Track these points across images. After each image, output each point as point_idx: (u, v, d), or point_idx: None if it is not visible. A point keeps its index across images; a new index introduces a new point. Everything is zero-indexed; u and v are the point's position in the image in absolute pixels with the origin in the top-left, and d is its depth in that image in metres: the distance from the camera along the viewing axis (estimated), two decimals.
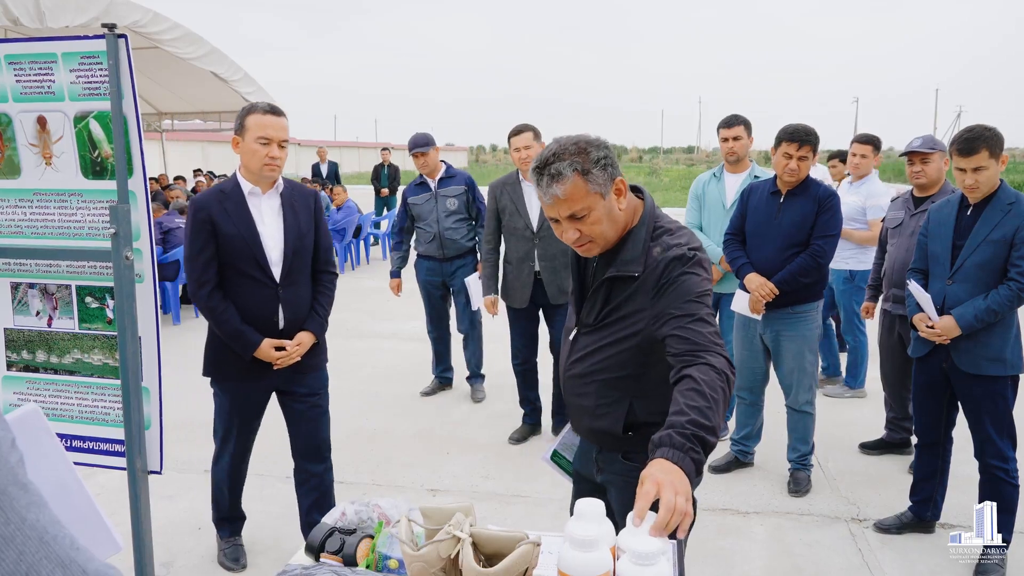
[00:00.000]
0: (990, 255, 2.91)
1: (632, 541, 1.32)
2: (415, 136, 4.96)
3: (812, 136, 3.52)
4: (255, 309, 2.76)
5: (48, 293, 2.20)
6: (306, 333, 2.88)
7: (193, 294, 2.76)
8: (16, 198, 2.15)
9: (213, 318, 2.75)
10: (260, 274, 2.75)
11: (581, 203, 1.67)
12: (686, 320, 1.66)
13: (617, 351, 1.82)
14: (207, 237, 2.69)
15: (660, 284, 1.72)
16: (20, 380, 2.28)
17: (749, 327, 3.84)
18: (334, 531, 1.68)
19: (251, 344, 2.75)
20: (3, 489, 0.59)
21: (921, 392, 3.24)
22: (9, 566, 0.58)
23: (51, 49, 2.00)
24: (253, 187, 2.74)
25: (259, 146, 2.64)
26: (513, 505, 3.70)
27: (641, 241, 1.77)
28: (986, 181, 2.88)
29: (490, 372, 5.43)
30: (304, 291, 2.89)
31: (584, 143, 1.70)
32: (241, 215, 2.71)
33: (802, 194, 3.59)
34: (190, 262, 2.72)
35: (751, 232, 3.73)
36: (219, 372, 2.88)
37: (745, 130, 4.28)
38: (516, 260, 4.27)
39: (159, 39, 7.96)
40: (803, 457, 3.83)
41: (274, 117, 2.65)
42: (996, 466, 2.99)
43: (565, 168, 1.65)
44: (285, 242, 2.78)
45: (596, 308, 1.86)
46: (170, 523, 3.48)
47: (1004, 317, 2.92)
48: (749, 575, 3.09)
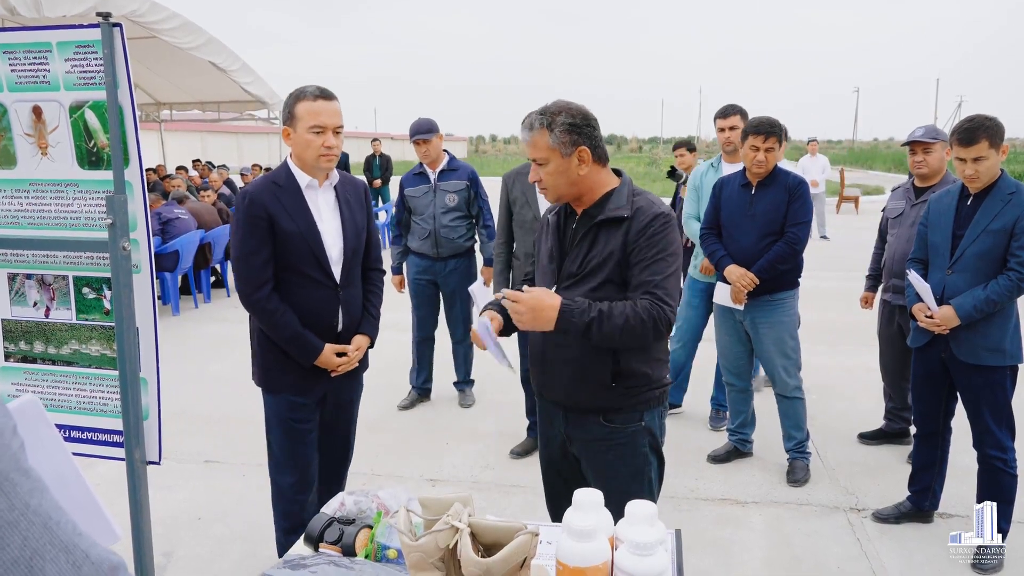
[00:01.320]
0: (990, 245, 2.91)
1: (630, 531, 1.32)
2: (417, 122, 4.59)
3: (776, 128, 3.61)
4: (314, 312, 2.54)
5: (45, 284, 2.19)
6: (363, 336, 2.69)
7: (247, 297, 2.49)
8: (12, 188, 2.14)
9: (271, 322, 2.49)
10: (320, 274, 2.52)
11: (542, 152, 1.97)
12: (649, 264, 1.93)
13: (602, 294, 1.97)
14: (264, 235, 2.44)
15: (645, 228, 1.95)
16: (18, 371, 2.28)
17: (730, 316, 3.89)
18: (333, 521, 1.68)
19: (313, 350, 2.53)
20: (6, 475, 0.60)
21: (920, 382, 3.25)
22: (14, 551, 0.58)
23: (46, 38, 1.98)
24: (311, 179, 2.50)
25: (313, 136, 2.40)
26: (513, 495, 3.71)
27: (625, 195, 2.02)
28: (986, 171, 2.88)
29: (485, 366, 5.34)
30: (359, 291, 2.70)
31: (564, 108, 1.97)
32: (300, 211, 2.47)
33: (772, 184, 3.66)
34: (244, 262, 2.46)
35: (727, 225, 3.79)
36: (274, 382, 2.63)
37: (742, 119, 4.28)
38: (524, 255, 4.06)
39: (157, 28, 7.93)
40: (799, 444, 3.84)
41: (326, 102, 2.41)
42: (995, 456, 3.00)
43: (536, 120, 1.97)
44: (344, 239, 2.57)
45: (581, 256, 2.02)
46: (169, 514, 3.48)
47: (1003, 307, 2.91)
48: (748, 565, 3.09)
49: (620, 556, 1.30)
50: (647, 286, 1.91)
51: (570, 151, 1.95)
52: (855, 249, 6.52)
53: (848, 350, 5.97)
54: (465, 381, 5.06)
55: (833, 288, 7.90)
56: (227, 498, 3.70)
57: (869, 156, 47.45)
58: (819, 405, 4.02)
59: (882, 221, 4.19)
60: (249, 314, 2.60)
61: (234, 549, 3.23)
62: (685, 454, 4.11)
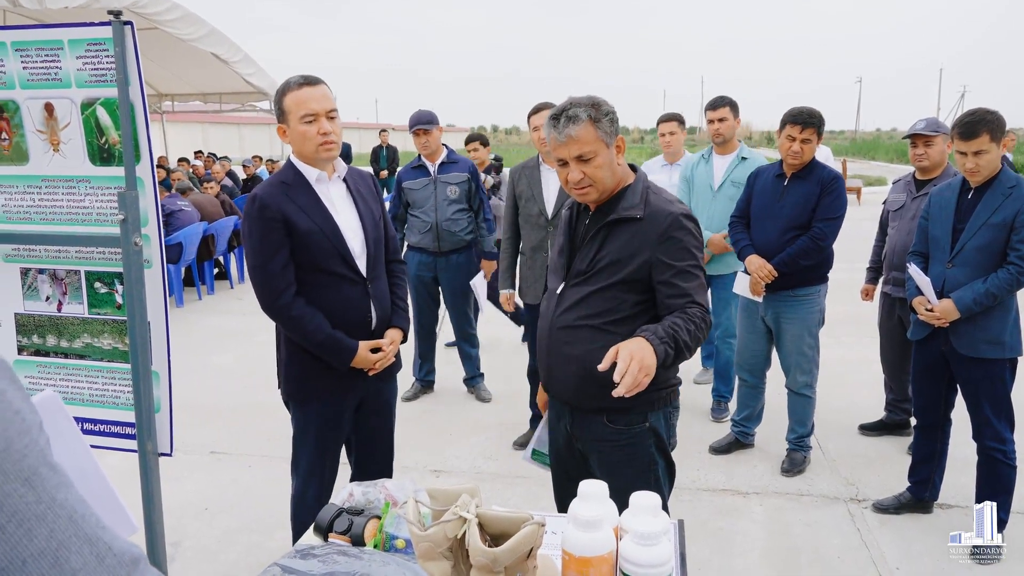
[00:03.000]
0: (990, 239, 2.92)
1: (635, 522, 1.35)
2: (417, 113, 4.55)
3: (816, 119, 3.53)
4: (346, 311, 2.41)
5: (57, 278, 2.22)
6: (396, 330, 2.57)
7: (270, 306, 2.35)
8: (25, 184, 2.16)
9: (300, 328, 2.35)
10: (347, 271, 2.40)
11: (589, 146, 1.90)
12: (682, 272, 1.91)
13: (610, 295, 1.96)
14: (281, 238, 2.30)
15: (665, 234, 1.92)
16: (31, 364, 2.31)
17: (752, 309, 3.87)
18: (342, 512, 1.71)
19: (349, 350, 2.39)
20: (35, 470, 0.62)
21: (920, 375, 3.27)
22: (41, 543, 0.60)
23: (58, 36, 2.01)
24: (320, 173, 2.38)
25: (306, 126, 2.28)
26: (516, 486, 3.74)
27: (639, 192, 1.98)
28: (987, 165, 2.89)
29: (487, 356, 5.40)
30: (386, 284, 2.59)
31: (595, 100, 1.94)
32: (315, 207, 2.35)
33: (806, 177, 3.60)
34: (261, 269, 2.32)
35: (755, 215, 3.76)
36: (306, 392, 2.48)
37: (731, 111, 4.32)
38: (529, 250, 4.06)
39: (158, 20, 7.92)
40: (800, 439, 3.87)
41: (311, 88, 2.28)
42: (994, 447, 3.03)
43: (581, 112, 1.90)
44: (364, 232, 2.45)
45: (590, 255, 1.99)
46: (177, 504, 3.52)
47: (1003, 300, 2.94)
48: (748, 555, 3.13)
49: (625, 546, 1.33)
50: (691, 296, 1.91)
51: (612, 141, 1.94)
52: (857, 241, 6.51)
53: (849, 342, 5.99)
54: (476, 376, 5.05)
55: (835, 279, 7.86)
56: (233, 489, 3.75)
57: (871, 147, 47.35)
58: (820, 396, 4.05)
59: (883, 213, 4.21)
60: (275, 324, 2.47)
61: (241, 540, 3.27)
62: (687, 445, 4.14)
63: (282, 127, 2.35)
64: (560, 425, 2.18)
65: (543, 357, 2.13)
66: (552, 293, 2.11)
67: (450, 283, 4.76)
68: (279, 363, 2.53)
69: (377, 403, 2.62)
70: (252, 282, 2.39)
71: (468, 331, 4.95)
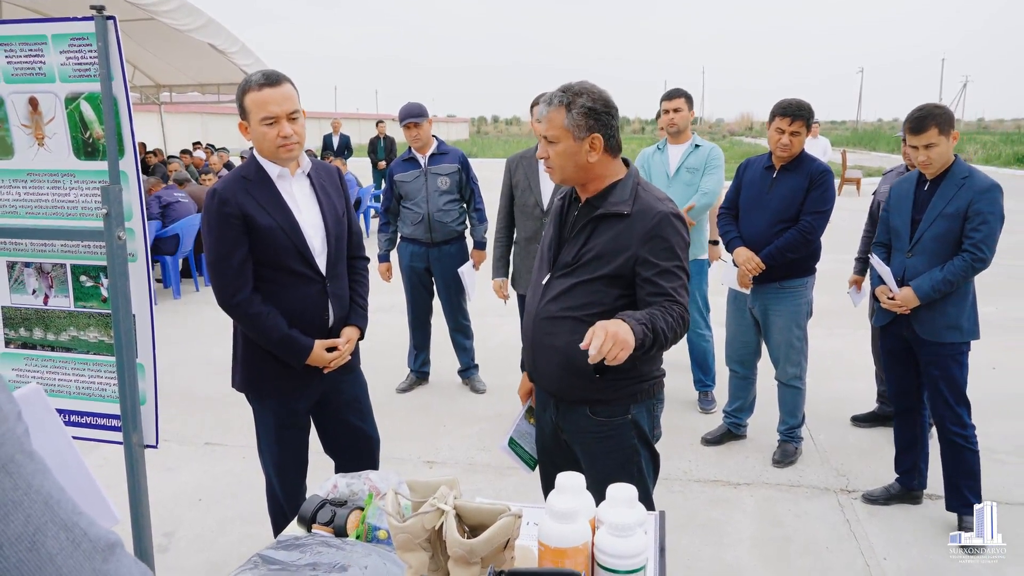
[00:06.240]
0: (945, 228, 3.03)
1: (610, 514, 1.36)
2: (407, 106, 4.55)
3: (804, 111, 3.55)
4: (303, 310, 2.41)
5: (43, 272, 2.23)
6: (352, 328, 2.57)
7: (226, 302, 2.36)
8: (10, 178, 2.17)
9: (256, 326, 2.35)
10: (306, 268, 2.39)
11: (555, 130, 1.95)
12: (665, 272, 1.93)
13: (594, 288, 1.97)
14: (238, 234, 2.29)
15: (652, 232, 1.93)
16: (18, 357, 2.32)
17: (740, 301, 3.89)
18: (325, 503, 1.72)
19: (304, 349, 2.40)
20: (11, 457, 0.63)
21: (889, 360, 3.36)
22: (18, 528, 0.62)
23: (41, 31, 2.01)
24: (281, 169, 2.36)
25: (266, 128, 2.25)
26: (508, 477, 3.76)
27: (629, 188, 2.00)
28: (938, 157, 3.00)
29: (481, 347, 5.40)
30: (346, 282, 2.58)
31: (587, 91, 1.95)
32: (275, 203, 2.33)
33: (795, 169, 3.62)
34: (218, 265, 2.32)
35: (744, 206, 3.77)
36: (259, 388, 2.50)
37: (686, 103, 4.40)
38: (524, 240, 4.10)
39: (155, 10, 7.90)
40: (791, 430, 3.89)
41: (272, 89, 2.23)
42: (956, 432, 3.11)
43: (556, 98, 1.95)
44: (326, 229, 2.43)
45: (576, 248, 2.01)
46: (171, 495, 3.55)
47: (959, 287, 3.04)
48: (738, 545, 3.15)
49: (600, 537, 1.35)
50: (671, 296, 1.92)
51: (583, 135, 1.93)
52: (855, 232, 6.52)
53: (842, 333, 6.01)
54: (471, 367, 5.06)
55: (829, 270, 7.86)
56: (227, 479, 3.77)
57: (872, 137, 47.22)
58: (812, 387, 4.06)
59: (873, 204, 4.22)
60: (231, 319, 2.47)
61: (234, 529, 3.30)
62: (679, 436, 4.17)
63: (244, 124, 2.33)
64: (546, 416, 2.20)
65: (528, 347, 2.16)
66: (538, 284, 2.12)
67: (443, 274, 4.76)
68: (234, 357, 2.54)
69: (342, 399, 2.62)
70: (209, 277, 2.41)
71: (462, 322, 4.96)
